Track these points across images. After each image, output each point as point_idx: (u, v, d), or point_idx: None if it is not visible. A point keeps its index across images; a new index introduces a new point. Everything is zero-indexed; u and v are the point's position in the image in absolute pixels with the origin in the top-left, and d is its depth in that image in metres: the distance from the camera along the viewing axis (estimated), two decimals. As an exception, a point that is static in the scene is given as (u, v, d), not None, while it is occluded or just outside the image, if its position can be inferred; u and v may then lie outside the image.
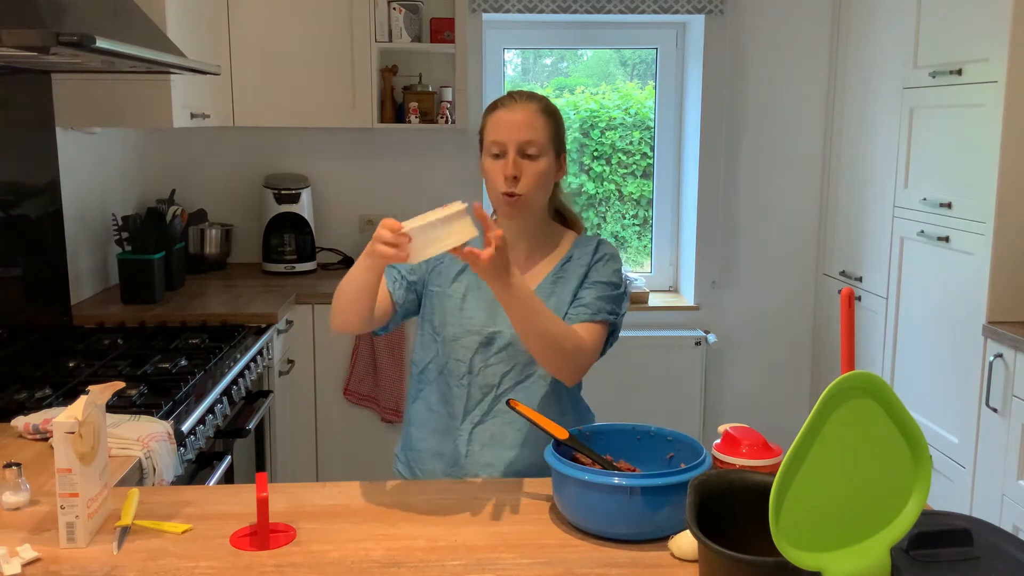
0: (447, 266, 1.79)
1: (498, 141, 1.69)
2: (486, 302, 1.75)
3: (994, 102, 2.62)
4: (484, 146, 1.73)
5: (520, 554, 1.33)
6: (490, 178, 1.72)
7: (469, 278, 1.77)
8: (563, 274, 1.77)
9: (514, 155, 1.68)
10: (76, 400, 1.36)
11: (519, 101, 1.71)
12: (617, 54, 4.18)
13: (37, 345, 2.52)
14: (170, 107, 2.78)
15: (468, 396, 1.75)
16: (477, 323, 1.74)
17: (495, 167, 1.70)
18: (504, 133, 1.69)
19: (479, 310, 1.75)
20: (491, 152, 1.71)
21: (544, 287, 1.76)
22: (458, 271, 1.78)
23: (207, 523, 1.41)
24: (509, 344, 1.74)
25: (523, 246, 1.78)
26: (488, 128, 1.72)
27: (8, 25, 1.68)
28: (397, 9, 3.53)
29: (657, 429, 1.57)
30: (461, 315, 1.75)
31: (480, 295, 1.76)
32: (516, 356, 1.74)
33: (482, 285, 1.75)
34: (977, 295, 2.71)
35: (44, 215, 2.71)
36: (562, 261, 1.78)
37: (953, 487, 2.83)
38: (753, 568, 1.06)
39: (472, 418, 1.75)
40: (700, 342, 3.84)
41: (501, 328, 1.74)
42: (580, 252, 1.79)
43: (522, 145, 1.68)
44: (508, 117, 1.69)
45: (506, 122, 1.69)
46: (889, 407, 1.08)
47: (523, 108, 1.70)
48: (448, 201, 1.48)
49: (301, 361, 3.36)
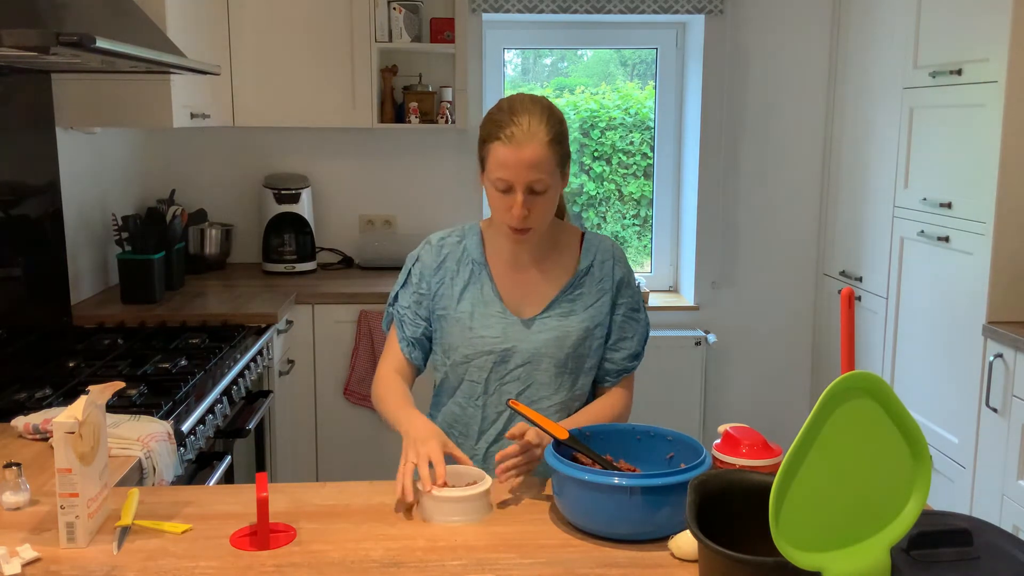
0: (448, 286, 1.75)
1: (504, 179, 1.60)
2: (495, 318, 1.71)
3: (994, 102, 2.62)
4: (486, 172, 1.64)
5: (520, 554, 1.33)
6: (496, 209, 1.65)
7: (474, 295, 1.73)
8: (581, 288, 1.74)
9: (523, 195, 1.60)
10: (76, 400, 1.36)
11: (524, 134, 1.57)
12: (617, 54, 4.18)
13: (37, 345, 2.52)
14: (170, 107, 2.78)
15: (483, 417, 1.73)
16: (489, 341, 1.70)
17: (502, 201, 1.63)
18: (510, 173, 1.59)
19: (489, 327, 1.71)
20: (497, 187, 1.62)
21: (563, 301, 1.73)
22: (461, 289, 1.74)
23: (207, 523, 1.41)
24: (527, 362, 1.70)
25: (529, 251, 1.75)
26: (492, 163, 1.61)
27: (8, 25, 1.68)
28: (397, 9, 3.53)
29: (657, 429, 1.57)
30: (471, 335, 1.71)
31: (487, 311, 1.72)
32: (532, 375, 1.71)
33: (488, 301, 1.72)
34: (977, 295, 2.71)
35: (44, 215, 2.71)
36: (579, 273, 1.75)
37: (953, 487, 2.83)
38: (753, 568, 1.06)
39: (487, 438, 1.74)
40: (700, 342, 3.84)
41: (514, 344, 1.71)
42: (596, 263, 1.76)
43: (531, 184, 1.60)
44: (514, 157, 1.58)
45: (512, 162, 1.58)
46: (889, 407, 1.08)
47: (529, 145, 1.57)
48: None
49: (301, 361, 3.36)
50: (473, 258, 1.76)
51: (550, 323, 1.72)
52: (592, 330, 1.74)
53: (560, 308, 1.73)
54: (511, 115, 1.60)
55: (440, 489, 1.44)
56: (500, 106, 1.65)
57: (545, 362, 1.71)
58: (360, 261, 3.88)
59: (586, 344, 1.74)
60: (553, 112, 1.63)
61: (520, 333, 1.71)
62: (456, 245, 1.77)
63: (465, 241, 1.77)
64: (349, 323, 3.37)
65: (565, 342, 1.71)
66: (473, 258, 1.76)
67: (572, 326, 1.72)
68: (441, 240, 1.79)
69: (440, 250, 1.77)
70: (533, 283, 1.74)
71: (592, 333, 1.74)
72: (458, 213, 3.77)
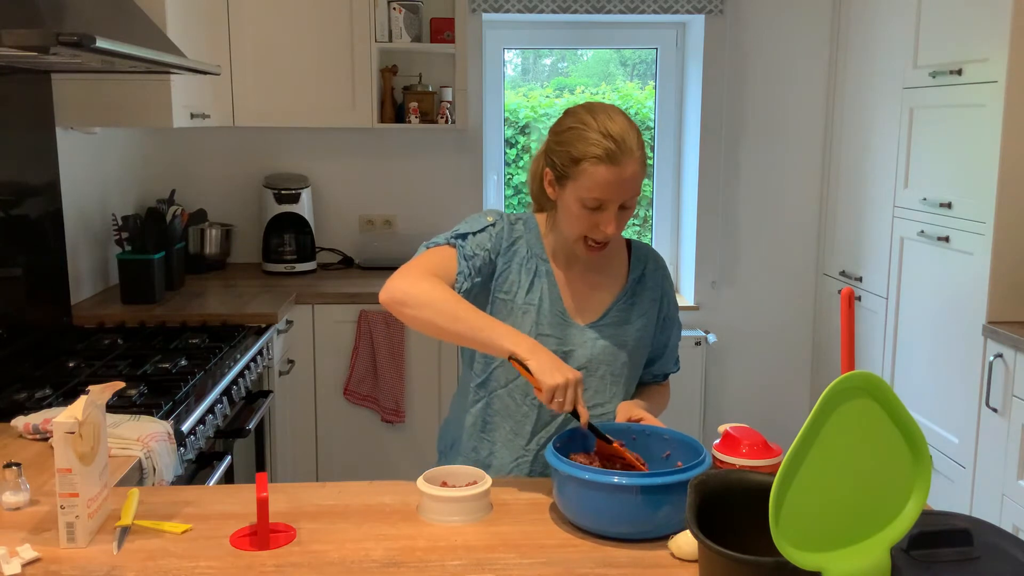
0: (515, 272, 1.69)
1: (601, 198, 1.56)
2: (557, 317, 1.69)
3: (994, 102, 2.62)
4: (574, 190, 1.58)
5: (520, 554, 1.33)
6: (577, 224, 1.60)
7: (542, 289, 1.68)
8: (635, 297, 1.74)
9: (616, 212, 1.58)
10: (76, 400, 1.36)
11: (621, 152, 1.53)
12: (617, 54, 4.18)
13: (37, 345, 2.52)
14: (170, 107, 2.78)
15: (538, 417, 1.69)
16: (551, 343, 1.66)
17: (588, 219, 1.59)
18: (610, 192, 1.55)
19: (550, 327, 1.68)
20: (587, 204, 1.57)
21: (618, 309, 1.72)
22: (530, 281, 1.69)
23: (207, 523, 1.41)
24: (583, 367, 1.67)
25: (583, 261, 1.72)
26: (587, 182, 1.55)
27: (8, 25, 1.68)
28: (397, 9, 3.53)
29: (653, 428, 1.57)
30: (536, 332, 1.67)
31: (553, 309, 1.69)
32: (587, 381, 1.68)
33: (553, 300, 1.69)
34: (977, 295, 2.71)
35: (44, 215, 2.71)
36: (632, 281, 1.74)
37: (953, 487, 2.82)
38: (753, 568, 1.06)
39: (539, 440, 1.70)
40: (700, 342, 3.84)
41: (574, 347, 1.68)
42: (648, 272, 1.77)
43: (626, 200, 1.58)
44: (616, 176, 1.54)
45: (614, 181, 1.54)
46: (889, 407, 1.08)
47: (629, 163, 1.54)
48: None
49: (301, 361, 3.36)
50: (536, 253, 1.71)
51: (607, 331, 1.70)
52: (644, 340, 1.75)
53: (616, 316, 1.72)
54: (601, 130, 1.55)
55: (440, 489, 1.44)
56: (583, 120, 1.58)
57: (601, 369, 1.70)
58: (360, 261, 3.88)
59: (639, 353, 1.75)
60: (633, 122, 1.60)
61: (579, 338, 1.69)
62: (524, 234, 1.72)
63: (528, 234, 1.72)
64: (349, 323, 3.37)
65: (621, 351, 1.71)
66: (536, 253, 1.71)
67: (628, 335, 1.72)
68: (513, 223, 1.72)
69: (513, 231, 1.71)
70: (589, 289, 1.72)
71: (644, 343, 1.75)
72: (458, 213, 3.76)
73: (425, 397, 3.45)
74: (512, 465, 1.71)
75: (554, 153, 1.61)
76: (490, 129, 3.96)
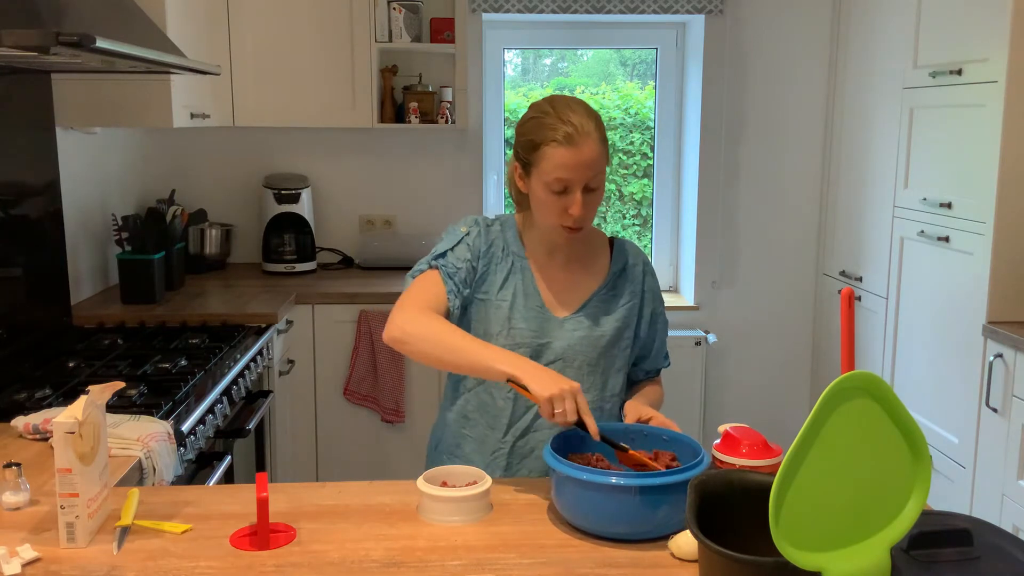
0: (493, 272, 1.74)
1: (563, 179, 1.61)
2: (533, 311, 1.72)
3: (994, 102, 2.61)
4: (539, 175, 1.63)
5: (520, 554, 1.33)
6: (548, 210, 1.65)
7: (516, 284, 1.73)
8: (614, 290, 1.77)
9: (581, 195, 1.62)
10: (76, 400, 1.36)
11: (579, 133, 1.59)
12: (617, 54, 4.18)
13: (37, 345, 2.52)
14: (170, 107, 2.78)
15: (513, 410, 1.73)
16: (527, 335, 1.71)
17: (556, 203, 1.63)
18: (571, 173, 1.60)
19: (527, 320, 1.72)
20: (552, 188, 1.62)
21: (596, 301, 1.75)
22: (504, 277, 1.74)
23: (207, 523, 1.41)
24: (560, 359, 1.71)
25: (566, 251, 1.76)
26: (548, 165, 1.61)
27: (8, 25, 1.68)
28: (397, 9, 3.53)
29: (651, 428, 1.57)
30: (508, 326, 1.71)
31: (528, 303, 1.73)
32: (564, 372, 1.70)
33: (529, 294, 1.73)
34: (977, 295, 2.71)
35: (44, 215, 2.71)
36: (612, 275, 1.78)
37: (953, 487, 2.83)
38: (753, 568, 1.06)
39: (515, 431, 1.73)
40: (700, 342, 3.84)
41: (550, 340, 1.72)
42: (628, 267, 1.79)
43: (589, 182, 1.62)
44: (574, 157, 1.59)
45: (573, 162, 1.59)
46: (889, 407, 1.08)
47: (586, 143, 1.59)
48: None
49: (301, 361, 3.36)
50: (513, 251, 1.76)
51: (585, 322, 1.74)
52: (623, 332, 1.77)
53: (594, 308, 1.75)
54: (559, 116, 1.61)
55: (440, 489, 1.44)
56: (542, 109, 1.64)
57: (578, 360, 1.73)
58: (360, 261, 3.88)
59: (618, 346, 1.77)
60: (598, 116, 1.66)
61: (555, 330, 1.72)
62: (500, 234, 1.77)
63: (505, 233, 1.78)
64: (349, 323, 3.37)
65: (598, 342, 1.73)
66: (513, 251, 1.76)
67: (605, 327, 1.74)
68: (488, 225, 1.78)
69: (489, 234, 1.77)
70: (567, 283, 1.76)
71: (623, 335, 1.77)
72: (458, 213, 3.77)
73: (425, 397, 3.45)
74: (489, 459, 1.74)
75: (519, 145, 1.68)
76: (490, 129, 3.96)
